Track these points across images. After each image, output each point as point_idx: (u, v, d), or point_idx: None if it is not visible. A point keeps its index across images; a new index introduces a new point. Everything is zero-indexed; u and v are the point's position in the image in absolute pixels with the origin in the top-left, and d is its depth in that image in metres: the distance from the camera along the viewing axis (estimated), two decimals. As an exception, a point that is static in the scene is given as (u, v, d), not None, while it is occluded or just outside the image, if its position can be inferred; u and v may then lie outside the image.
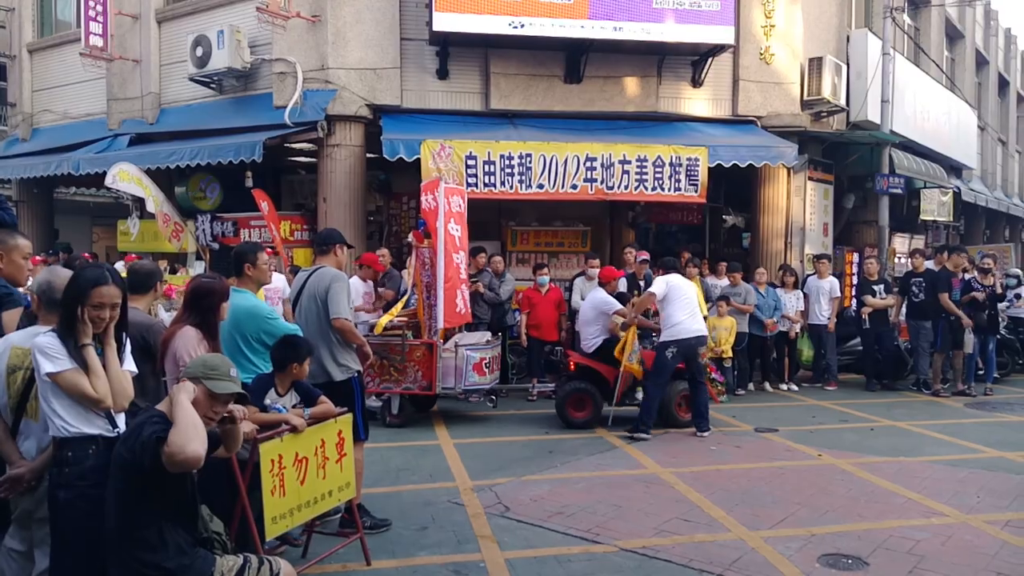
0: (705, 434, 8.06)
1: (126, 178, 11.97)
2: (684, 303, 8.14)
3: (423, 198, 8.92)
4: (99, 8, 13.19)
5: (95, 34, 13.19)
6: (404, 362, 8.26)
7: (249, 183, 12.26)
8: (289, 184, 15.24)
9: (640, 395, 8.59)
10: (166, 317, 7.98)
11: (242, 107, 12.32)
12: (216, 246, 12.84)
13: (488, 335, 9.25)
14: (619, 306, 8.63)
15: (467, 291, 8.99)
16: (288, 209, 13.87)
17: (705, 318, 9.20)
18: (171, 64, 13.28)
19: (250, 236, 12.60)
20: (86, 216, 20.78)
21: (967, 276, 11.17)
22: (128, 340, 3.46)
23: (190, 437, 2.92)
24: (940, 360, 10.88)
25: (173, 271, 12.39)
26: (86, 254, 12.62)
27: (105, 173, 12.13)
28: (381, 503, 5.66)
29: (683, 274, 9.05)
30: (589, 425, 8.46)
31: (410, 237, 8.86)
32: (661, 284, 8.17)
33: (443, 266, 8.32)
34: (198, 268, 12.56)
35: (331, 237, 5.66)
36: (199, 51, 11.90)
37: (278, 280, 9.35)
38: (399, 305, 8.81)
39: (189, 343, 4.01)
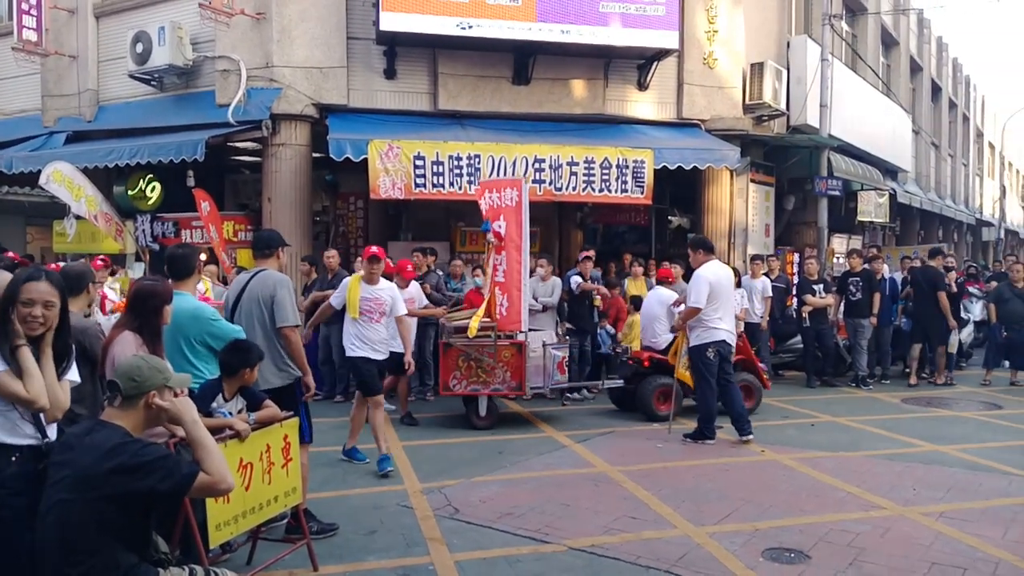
0: (748, 438, 7.74)
1: (59, 179, 11.63)
2: (723, 303, 7.79)
3: (487, 196, 8.84)
4: (32, 1, 12.81)
5: (28, 28, 12.81)
6: (494, 363, 8.25)
7: (191, 182, 12.04)
8: (233, 184, 15.01)
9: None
10: (103, 320, 7.79)
11: (184, 105, 12.08)
12: (156, 247, 12.57)
13: (551, 333, 9.30)
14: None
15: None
16: (232, 209, 13.66)
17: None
18: (110, 60, 12.97)
19: (191, 237, 12.37)
20: (19, 216, 20.09)
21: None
22: (73, 348, 3.37)
23: (225, 465, 2.90)
24: (945, 353, 11.58)
25: (112, 273, 12.07)
26: (11, 253, 12.09)
27: (40, 172, 11.79)
28: (328, 507, 5.60)
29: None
30: (671, 417, 8.48)
31: (490, 237, 8.78)
32: (703, 289, 7.64)
33: (521, 265, 8.40)
34: (138, 270, 12.27)
35: (273, 239, 5.52)
36: (139, 47, 11.64)
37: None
38: (483, 307, 8.64)
39: (127, 349, 3.91)
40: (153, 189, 12.96)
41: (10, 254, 11.67)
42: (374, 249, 6.94)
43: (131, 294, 4.22)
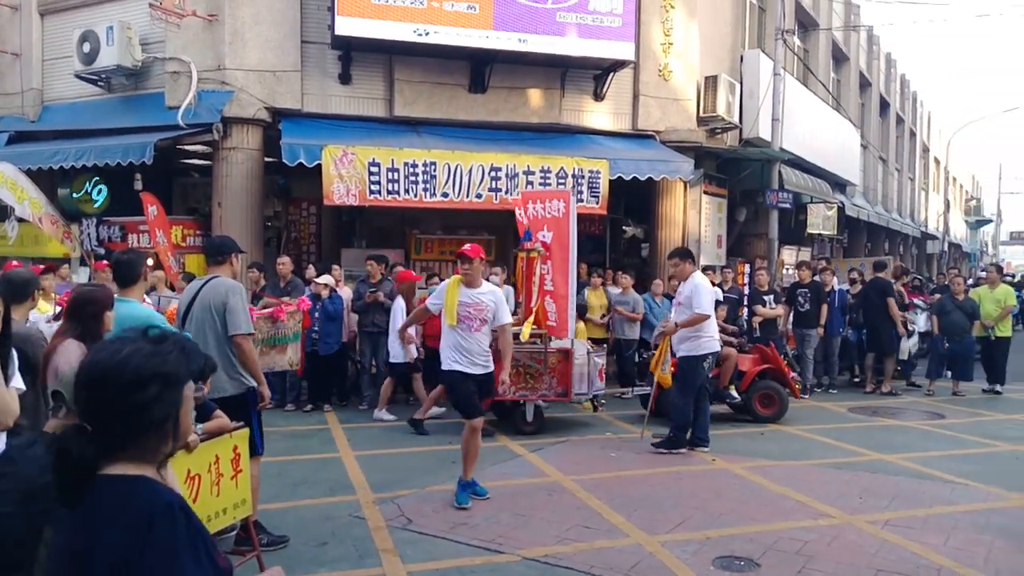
0: (706, 449, 7.91)
1: (1, 180, 11.29)
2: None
3: (531, 206, 9.08)
4: (-27, -3, 12.47)
5: (-32, 24, 12.46)
6: (544, 370, 8.32)
7: (138, 186, 11.78)
8: (182, 187, 14.72)
9: (734, 392, 9.05)
10: (46, 329, 7.58)
11: (132, 106, 11.85)
12: (102, 251, 12.27)
13: (589, 343, 9.44)
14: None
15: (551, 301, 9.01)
16: (180, 213, 13.39)
17: None
18: (55, 59, 12.66)
19: (139, 241, 12.11)
20: (-42, 217, 19.53)
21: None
22: (16, 355, 3.25)
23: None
24: (892, 363, 12.01)
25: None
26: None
27: (-20, 173, 11.45)
28: (279, 519, 5.51)
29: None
30: (645, 422, 8.58)
31: (537, 246, 8.89)
32: (708, 298, 7.64)
33: (569, 275, 8.64)
34: (83, 275, 11.96)
35: (225, 246, 5.41)
36: (86, 47, 11.39)
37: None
38: (533, 315, 8.71)
39: (72, 358, 3.80)
40: (99, 192, 12.65)
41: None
42: (467, 247, 6.25)
43: (69, 301, 4.13)
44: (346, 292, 10.24)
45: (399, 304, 9.26)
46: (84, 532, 1.52)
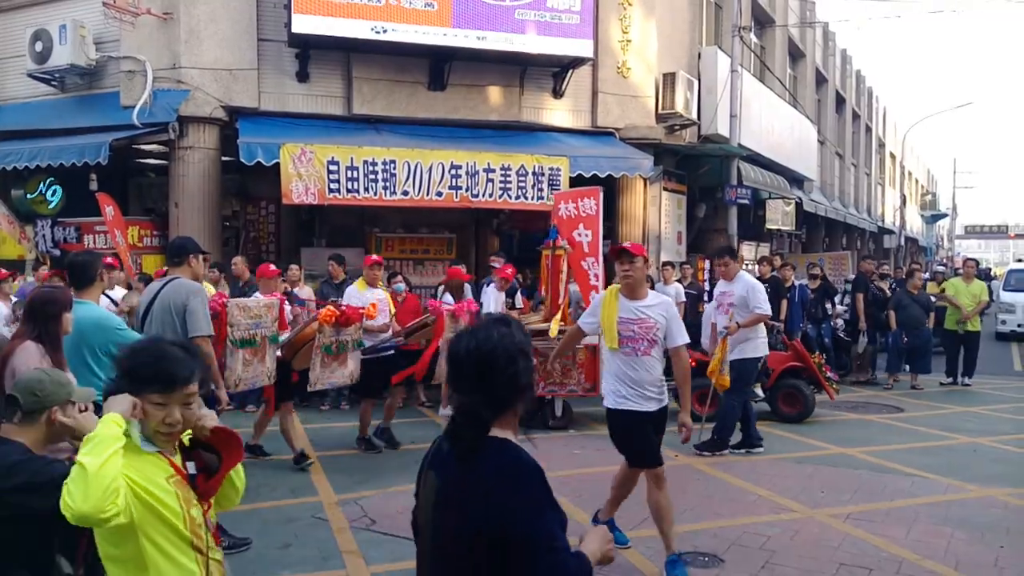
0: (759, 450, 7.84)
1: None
2: None
3: (563, 206, 9.08)
4: (-80, -6, 12.14)
5: (-84, 22, 12.12)
6: (572, 365, 8.36)
7: (94, 186, 11.58)
8: (138, 187, 14.48)
9: (758, 390, 8.96)
10: (6, 331, 7.41)
11: (87, 106, 11.64)
12: (57, 253, 12.04)
13: None
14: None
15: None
16: (137, 214, 13.17)
17: None
18: (7, 59, 12.40)
19: (94, 242, 11.89)
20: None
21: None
22: None
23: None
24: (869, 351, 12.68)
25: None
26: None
27: (-72, 174, 11.18)
28: (240, 521, 5.43)
29: None
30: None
31: (564, 244, 8.94)
32: (765, 297, 7.52)
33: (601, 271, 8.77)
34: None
35: (185, 247, 5.39)
36: (39, 46, 11.16)
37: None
38: (559, 311, 8.72)
39: (31, 359, 3.75)
40: (54, 193, 12.40)
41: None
42: (627, 243, 5.14)
43: (28, 302, 4.09)
44: (306, 292, 10.14)
45: (447, 302, 9.27)
46: (468, 478, 1.94)
